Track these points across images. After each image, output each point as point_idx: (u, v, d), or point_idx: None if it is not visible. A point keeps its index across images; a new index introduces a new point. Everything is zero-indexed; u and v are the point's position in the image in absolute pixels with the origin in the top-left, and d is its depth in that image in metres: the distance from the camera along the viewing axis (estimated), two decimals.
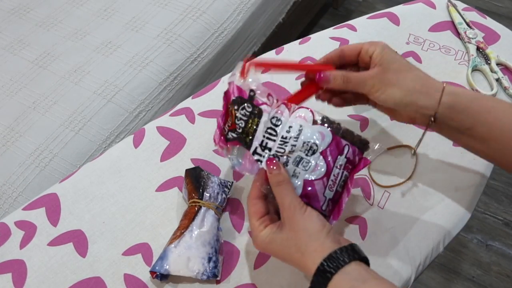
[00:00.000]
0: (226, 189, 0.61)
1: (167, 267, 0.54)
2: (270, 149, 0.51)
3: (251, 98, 0.52)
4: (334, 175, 0.50)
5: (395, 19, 0.84)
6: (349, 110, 0.71)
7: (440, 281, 1.26)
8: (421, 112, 0.51)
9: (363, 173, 0.64)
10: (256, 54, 1.29)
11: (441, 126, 0.52)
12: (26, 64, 1.09)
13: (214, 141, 0.54)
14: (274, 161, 0.49)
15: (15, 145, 0.94)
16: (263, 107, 0.52)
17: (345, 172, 0.51)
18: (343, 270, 0.43)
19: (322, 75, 0.53)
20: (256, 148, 0.51)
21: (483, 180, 0.64)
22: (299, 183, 0.49)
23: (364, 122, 0.69)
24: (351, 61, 0.55)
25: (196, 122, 0.71)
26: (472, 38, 0.79)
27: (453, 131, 0.52)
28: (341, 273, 0.43)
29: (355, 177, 0.64)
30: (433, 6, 0.86)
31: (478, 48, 0.78)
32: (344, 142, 0.51)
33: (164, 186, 0.64)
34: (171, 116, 0.72)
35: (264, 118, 0.52)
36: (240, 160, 0.53)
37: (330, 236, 0.46)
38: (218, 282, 0.56)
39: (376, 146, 0.52)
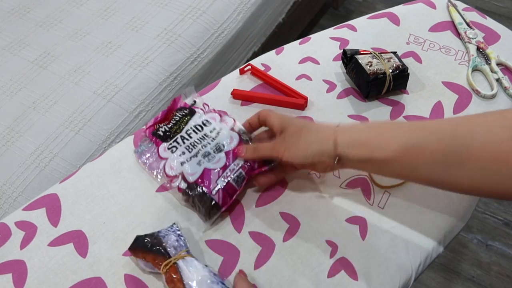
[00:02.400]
0: (178, 232, 0.56)
1: None
2: (189, 139, 0.64)
3: (191, 106, 0.69)
4: (229, 170, 0.60)
5: (395, 19, 0.84)
6: (349, 110, 0.71)
7: (440, 281, 1.26)
8: (327, 156, 0.54)
9: (363, 173, 0.64)
10: (256, 54, 1.29)
11: (348, 163, 0.54)
12: (26, 64, 1.09)
13: (145, 125, 0.68)
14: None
15: (15, 145, 0.94)
16: (197, 109, 0.68)
17: (242, 171, 0.60)
18: None
19: (236, 151, 0.62)
20: (177, 138, 0.64)
21: None
22: (200, 168, 0.61)
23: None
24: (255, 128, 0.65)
25: None
26: (472, 38, 0.79)
27: (359, 164, 0.54)
28: None
29: (355, 177, 0.64)
30: (433, 6, 0.86)
31: (478, 48, 0.78)
32: None
33: (164, 187, 0.64)
34: None
35: (196, 117, 0.67)
36: (145, 150, 0.66)
37: None
38: None
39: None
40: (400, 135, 0.51)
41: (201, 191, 0.59)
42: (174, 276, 0.52)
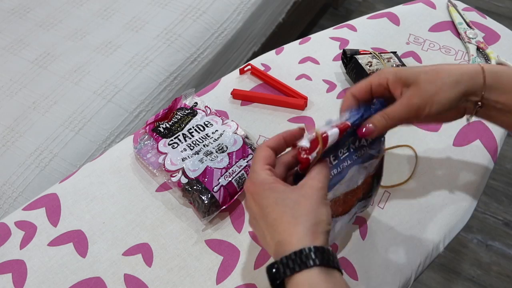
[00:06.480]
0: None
1: None
2: (191, 138, 0.64)
3: (192, 107, 0.70)
4: (232, 170, 0.62)
5: (395, 19, 0.84)
6: None
7: (440, 281, 1.26)
8: (470, 100, 0.49)
9: None
10: (256, 54, 1.29)
11: (487, 110, 0.50)
12: (26, 64, 1.09)
13: (146, 122, 0.68)
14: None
15: (15, 145, 0.94)
16: (198, 111, 0.69)
17: (244, 173, 0.62)
18: (321, 268, 0.39)
19: (364, 130, 0.48)
20: (178, 135, 0.65)
21: (484, 180, 0.64)
22: (202, 166, 0.62)
23: None
24: (366, 101, 0.52)
25: None
26: (472, 38, 0.79)
27: (499, 114, 0.50)
28: (318, 270, 0.39)
29: None
30: (433, 6, 0.86)
31: (478, 48, 0.78)
32: (250, 151, 0.64)
33: (164, 187, 0.64)
34: None
35: (198, 117, 0.68)
36: (144, 146, 0.65)
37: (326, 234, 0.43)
38: (218, 282, 0.56)
39: None
40: None
41: (202, 187, 0.59)
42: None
